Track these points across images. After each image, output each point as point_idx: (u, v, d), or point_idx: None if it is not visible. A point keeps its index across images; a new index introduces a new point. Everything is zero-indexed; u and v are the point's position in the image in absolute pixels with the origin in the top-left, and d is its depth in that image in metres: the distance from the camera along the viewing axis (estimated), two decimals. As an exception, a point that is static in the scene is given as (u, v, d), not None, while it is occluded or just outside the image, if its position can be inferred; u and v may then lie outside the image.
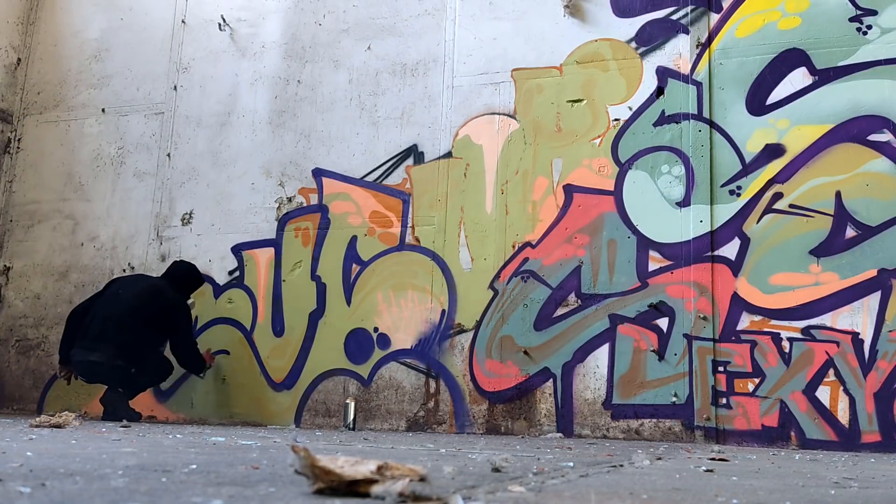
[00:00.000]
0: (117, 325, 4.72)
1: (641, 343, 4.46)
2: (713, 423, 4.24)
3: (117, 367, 4.70)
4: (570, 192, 4.77)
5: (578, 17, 4.98)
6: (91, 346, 4.73)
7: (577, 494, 1.41)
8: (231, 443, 2.69)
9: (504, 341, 4.72)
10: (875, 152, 4.28)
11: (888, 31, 4.37)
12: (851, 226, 4.25)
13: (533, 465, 2.01)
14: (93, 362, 4.71)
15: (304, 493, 1.20)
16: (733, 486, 1.66)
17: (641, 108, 4.73)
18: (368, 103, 5.34)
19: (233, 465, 1.68)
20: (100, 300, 4.92)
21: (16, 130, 6.24)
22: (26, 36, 6.37)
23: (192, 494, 1.15)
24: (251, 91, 5.66)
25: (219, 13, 5.85)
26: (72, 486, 1.19)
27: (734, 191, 4.47)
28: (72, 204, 5.94)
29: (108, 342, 4.70)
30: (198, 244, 5.53)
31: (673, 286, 4.46)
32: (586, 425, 4.47)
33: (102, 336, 4.72)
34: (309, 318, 5.15)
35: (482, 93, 5.09)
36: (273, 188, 5.44)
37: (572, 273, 4.66)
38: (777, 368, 4.22)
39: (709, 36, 4.69)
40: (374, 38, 5.44)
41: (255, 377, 5.19)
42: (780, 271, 4.31)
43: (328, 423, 4.95)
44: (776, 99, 4.50)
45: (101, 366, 4.70)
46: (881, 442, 3.99)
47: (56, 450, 2.00)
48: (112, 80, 6.05)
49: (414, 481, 1.23)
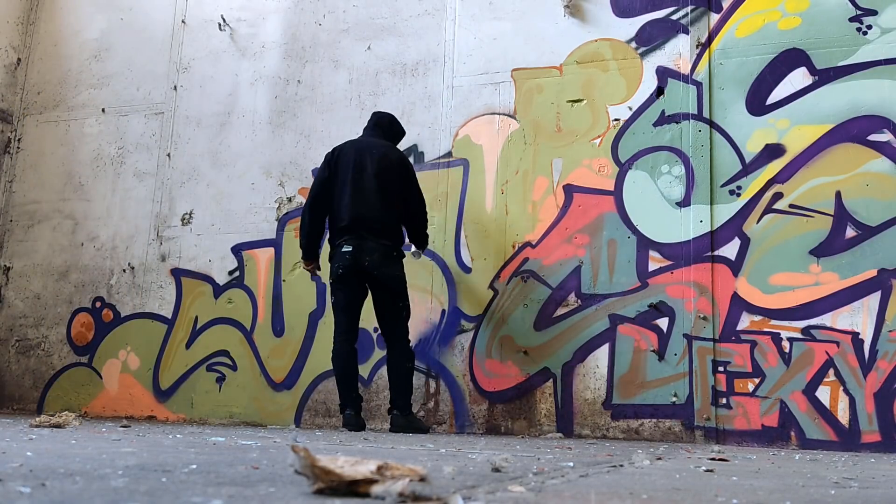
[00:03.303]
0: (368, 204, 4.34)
1: (641, 343, 4.46)
2: (713, 423, 4.24)
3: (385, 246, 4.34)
4: (570, 192, 4.77)
5: (578, 17, 4.98)
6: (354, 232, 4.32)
7: (577, 494, 1.41)
8: (231, 443, 2.69)
9: (504, 341, 4.72)
10: (875, 152, 4.28)
11: (888, 31, 4.37)
12: (851, 226, 4.25)
13: (533, 465, 2.01)
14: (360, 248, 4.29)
15: (304, 493, 1.20)
16: (733, 486, 1.66)
17: (641, 108, 4.74)
18: (368, 103, 5.34)
19: (233, 465, 1.68)
20: (340, 185, 4.44)
21: (16, 130, 6.24)
22: (26, 36, 6.37)
23: (192, 494, 1.15)
24: (251, 91, 5.67)
25: (219, 13, 5.85)
26: (72, 486, 1.19)
27: (734, 191, 4.47)
28: (72, 204, 5.94)
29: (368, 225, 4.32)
30: (198, 244, 5.53)
31: (673, 286, 4.46)
32: (586, 425, 4.47)
33: (360, 220, 4.32)
34: (309, 318, 5.15)
35: (482, 93, 5.09)
36: (273, 188, 5.44)
37: (572, 273, 4.66)
38: (777, 368, 4.22)
39: (709, 36, 4.69)
40: (374, 38, 5.44)
41: (255, 377, 5.19)
42: (780, 271, 4.31)
43: (328, 423, 4.95)
44: (776, 99, 4.50)
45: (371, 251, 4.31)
46: (881, 442, 3.99)
47: (56, 450, 2.00)
48: (112, 80, 6.05)
49: (414, 481, 1.23)
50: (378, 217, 4.36)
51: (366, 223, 4.34)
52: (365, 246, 4.31)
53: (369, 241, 4.32)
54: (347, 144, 4.58)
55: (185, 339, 5.41)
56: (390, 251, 4.38)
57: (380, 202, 4.37)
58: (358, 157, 4.45)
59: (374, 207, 4.36)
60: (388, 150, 4.52)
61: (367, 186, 4.38)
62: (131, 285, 5.63)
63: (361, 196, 4.38)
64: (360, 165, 4.42)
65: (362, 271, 4.31)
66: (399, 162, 4.50)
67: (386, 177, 4.41)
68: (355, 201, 4.37)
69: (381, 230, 4.36)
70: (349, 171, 4.42)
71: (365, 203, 4.36)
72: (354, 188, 4.39)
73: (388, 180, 4.41)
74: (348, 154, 4.49)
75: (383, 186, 4.39)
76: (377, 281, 4.34)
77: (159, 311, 5.53)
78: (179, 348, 5.41)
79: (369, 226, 4.34)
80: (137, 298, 5.60)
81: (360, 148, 4.50)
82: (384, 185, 4.39)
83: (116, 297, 5.66)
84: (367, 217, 4.34)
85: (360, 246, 4.30)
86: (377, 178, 4.38)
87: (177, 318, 5.47)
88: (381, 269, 4.32)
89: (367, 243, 4.31)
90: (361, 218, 4.34)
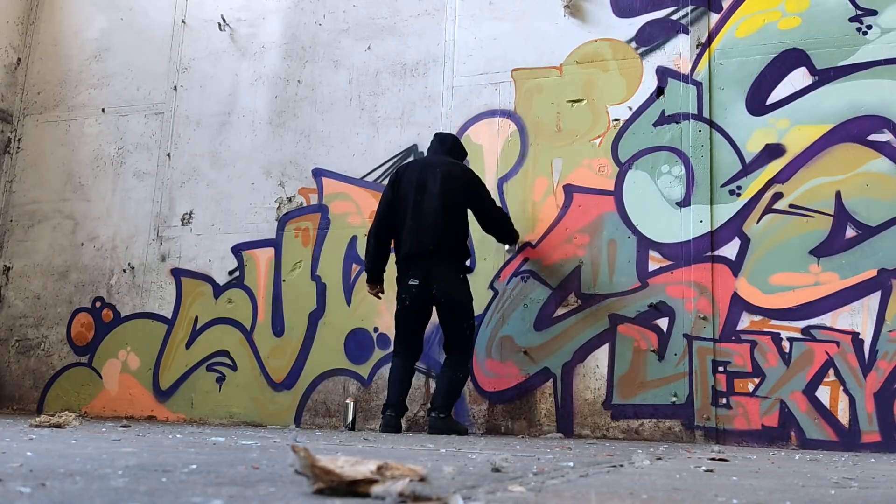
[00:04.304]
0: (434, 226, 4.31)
1: (641, 343, 4.46)
2: (713, 423, 4.24)
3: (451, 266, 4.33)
4: (570, 192, 4.77)
5: (578, 17, 4.98)
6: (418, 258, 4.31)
7: (577, 494, 1.41)
8: (231, 443, 2.69)
9: (504, 341, 4.72)
10: (875, 152, 4.28)
11: (888, 31, 4.37)
12: (851, 226, 4.25)
13: (533, 465, 2.01)
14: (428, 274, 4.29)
15: (304, 493, 1.20)
16: (733, 486, 1.66)
17: (641, 108, 4.73)
18: (368, 103, 5.34)
19: (233, 465, 1.68)
20: (403, 206, 4.40)
21: (16, 130, 6.24)
22: (26, 36, 6.37)
23: (192, 494, 1.15)
24: (251, 91, 5.67)
25: (219, 13, 5.85)
26: (72, 486, 1.19)
27: (734, 191, 4.47)
28: (72, 204, 5.94)
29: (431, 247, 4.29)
30: (198, 244, 5.53)
31: (673, 286, 4.46)
32: (586, 425, 4.47)
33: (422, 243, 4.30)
34: (309, 318, 5.15)
35: (482, 93, 5.09)
36: (273, 188, 5.44)
37: (572, 273, 4.66)
38: (777, 368, 4.22)
39: (709, 36, 4.69)
40: (374, 38, 5.44)
41: (256, 377, 5.19)
42: (780, 271, 4.31)
43: (328, 423, 4.95)
44: (776, 99, 4.50)
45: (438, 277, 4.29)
46: (881, 442, 3.99)
47: (56, 450, 2.00)
48: (112, 80, 6.05)
49: (414, 481, 1.23)
50: (442, 239, 4.32)
51: (430, 249, 4.30)
52: (432, 275, 4.28)
53: (435, 268, 4.29)
54: (412, 164, 4.55)
55: (185, 339, 5.41)
56: (456, 275, 4.37)
57: (444, 222, 4.33)
58: (421, 177, 4.40)
59: (439, 229, 4.32)
60: (452, 167, 4.46)
61: (430, 207, 4.33)
62: (131, 285, 5.63)
63: (425, 219, 4.33)
64: (423, 186, 4.38)
65: (430, 299, 4.33)
66: (463, 176, 4.45)
67: (451, 195, 4.36)
68: (419, 225, 4.33)
69: (445, 253, 4.33)
70: (411, 191, 4.38)
71: (428, 226, 4.32)
72: (417, 211, 4.35)
73: (453, 198, 4.38)
74: (412, 174, 4.44)
75: (448, 205, 4.35)
76: (444, 306, 4.34)
77: (159, 311, 5.53)
78: (179, 348, 5.41)
79: (433, 251, 4.30)
80: (137, 298, 5.60)
81: (423, 167, 4.47)
82: (449, 203, 4.35)
83: (116, 297, 5.66)
84: (433, 245, 4.30)
85: (427, 277, 4.29)
86: (441, 198, 4.33)
87: (177, 318, 5.47)
88: (448, 295, 4.31)
89: (434, 271, 4.29)
90: (425, 244, 4.30)
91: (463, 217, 4.45)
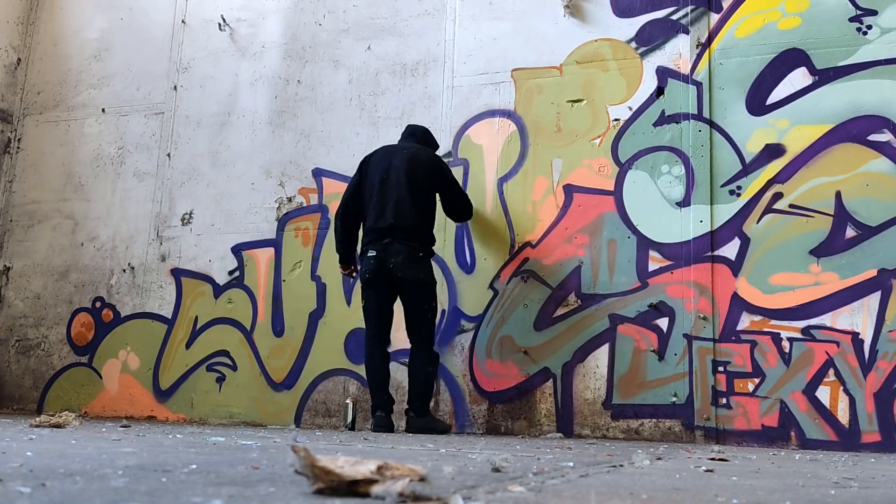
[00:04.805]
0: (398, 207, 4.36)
1: (641, 343, 4.46)
2: (713, 423, 4.24)
3: (413, 248, 4.35)
4: (570, 192, 4.77)
5: (578, 18, 4.98)
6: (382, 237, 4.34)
7: (577, 494, 1.41)
8: (231, 443, 2.69)
9: (504, 341, 4.72)
10: (875, 152, 4.28)
11: (888, 31, 4.37)
12: (851, 226, 4.24)
13: (533, 465, 2.01)
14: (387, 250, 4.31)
15: (304, 493, 1.20)
16: (733, 486, 1.66)
17: (641, 108, 4.73)
18: (368, 103, 5.34)
19: (233, 465, 1.68)
20: (369, 187, 4.47)
21: (16, 130, 6.24)
22: (26, 36, 6.37)
23: (192, 494, 1.15)
24: (251, 91, 5.67)
25: (219, 13, 5.85)
26: (72, 486, 1.19)
27: (734, 191, 4.47)
28: (72, 204, 5.94)
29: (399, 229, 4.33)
30: (198, 244, 5.53)
31: (673, 286, 4.46)
32: (586, 425, 4.47)
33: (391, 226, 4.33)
34: (309, 318, 5.15)
35: (482, 93, 5.09)
36: (273, 188, 5.44)
37: (572, 273, 4.66)
38: (777, 368, 4.22)
39: (709, 36, 4.69)
40: (374, 38, 5.44)
41: (255, 377, 5.19)
42: (780, 271, 4.31)
43: (328, 423, 4.95)
44: (776, 99, 4.50)
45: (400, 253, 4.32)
46: (881, 442, 3.99)
47: (56, 450, 2.00)
48: (112, 80, 6.05)
49: (414, 481, 1.23)
50: (405, 219, 4.36)
51: (392, 226, 4.34)
52: (390, 249, 4.32)
53: (395, 244, 4.33)
54: (379, 149, 4.63)
55: (185, 339, 5.41)
56: (416, 253, 4.38)
57: (408, 203, 4.38)
58: (387, 160, 4.48)
59: (402, 209, 4.36)
60: (419, 151, 4.54)
61: (394, 188, 4.39)
62: (131, 285, 5.63)
63: (389, 198, 4.39)
64: (389, 166, 4.45)
65: (388, 274, 4.33)
66: (430, 161, 4.52)
67: (416, 176, 4.42)
68: (382, 204, 4.39)
69: (407, 232, 4.36)
70: (377, 174, 4.45)
71: (392, 205, 4.37)
72: (382, 191, 4.41)
73: (418, 180, 4.42)
74: (378, 158, 4.52)
75: (413, 187, 4.39)
76: (402, 283, 4.35)
77: (159, 311, 5.53)
78: (179, 348, 5.41)
79: (395, 228, 4.34)
80: (137, 298, 5.60)
81: (390, 151, 4.55)
82: (414, 185, 4.40)
83: (116, 297, 5.66)
84: (394, 220, 4.34)
85: (386, 249, 4.32)
86: (407, 179, 4.39)
87: (177, 318, 5.47)
88: (405, 270, 4.32)
89: (393, 246, 4.32)
90: (387, 221, 4.35)
91: (428, 200, 4.48)
